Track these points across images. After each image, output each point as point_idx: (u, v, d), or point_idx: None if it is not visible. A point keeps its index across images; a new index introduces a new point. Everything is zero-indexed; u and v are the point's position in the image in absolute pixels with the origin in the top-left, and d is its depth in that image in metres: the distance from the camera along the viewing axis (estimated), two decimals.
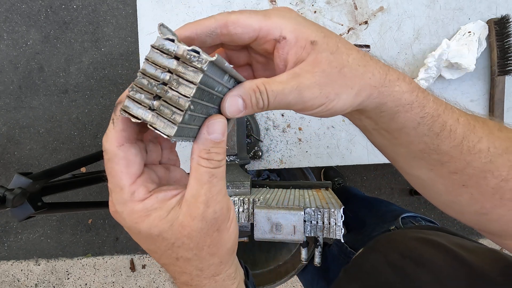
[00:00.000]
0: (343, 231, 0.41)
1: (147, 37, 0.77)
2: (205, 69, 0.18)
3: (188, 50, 0.19)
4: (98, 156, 1.00)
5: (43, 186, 0.75)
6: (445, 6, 0.73)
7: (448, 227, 0.56)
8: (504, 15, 0.69)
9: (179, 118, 0.19)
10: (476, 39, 0.67)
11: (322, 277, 0.77)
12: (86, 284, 1.72)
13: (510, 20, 0.68)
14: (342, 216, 0.42)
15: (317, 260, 0.54)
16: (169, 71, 0.19)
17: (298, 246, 0.89)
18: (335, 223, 0.41)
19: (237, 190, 0.49)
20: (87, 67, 1.70)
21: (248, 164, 0.69)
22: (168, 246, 0.22)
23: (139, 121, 0.19)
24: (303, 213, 0.42)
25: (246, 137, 0.68)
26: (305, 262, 0.72)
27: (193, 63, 0.19)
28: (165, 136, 0.19)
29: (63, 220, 1.73)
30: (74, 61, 1.70)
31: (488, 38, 0.71)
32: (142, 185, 0.21)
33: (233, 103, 0.21)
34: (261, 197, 0.48)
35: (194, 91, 0.19)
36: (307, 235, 0.43)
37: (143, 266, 1.70)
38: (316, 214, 0.42)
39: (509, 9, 0.73)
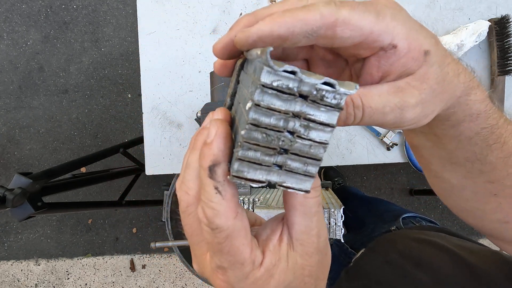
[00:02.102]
0: (343, 231, 0.41)
1: (147, 37, 0.77)
2: (343, 105, 0.14)
3: (320, 84, 0.14)
4: (98, 156, 1.00)
5: (43, 186, 0.75)
6: (445, 6, 0.73)
7: (448, 228, 0.56)
8: (504, 15, 0.69)
9: (314, 170, 0.15)
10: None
11: None
12: (86, 284, 1.72)
13: (510, 20, 0.68)
14: (342, 216, 0.42)
15: None
16: (293, 115, 0.14)
17: None
18: (335, 223, 0.41)
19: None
20: (87, 67, 1.70)
21: None
22: None
23: (263, 183, 0.16)
24: None
25: None
26: None
27: (327, 100, 0.14)
28: (301, 192, 0.16)
29: (63, 220, 1.73)
30: (74, 61, 1.70)
31: (488, 38, 0.71)
32: (255, 247, 0.18)
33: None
34: (261, 197, 0.48)
35: (330, 135, 0.15)
36: None
37: (143, 266, 1.70)
38: None
39: (509, 9, 0.72)
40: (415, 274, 0.39)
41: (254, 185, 0.15)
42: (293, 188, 0.16)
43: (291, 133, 0.15)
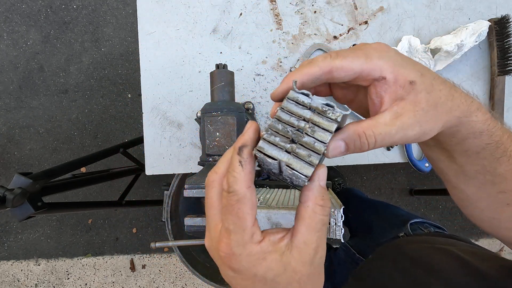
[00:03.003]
0: (343, 231, 0.41)
1: (147, 37, 0.77)
2: (340, 120, 0.22)
3: (323, 104, 0.22)
4: (98, 156, 1.00)
5: (43, 186, 0.75)
6: (445, 6, 0.73)
7: (457, 235, 0.56)
8: (504, 15, 0.69)
9: (316, 160, 0.21)
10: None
11: (328, 281, 0.77)
12: (86, 284, 1.72)
13: (510, 20, 0.68)
14: (342, 216, 0.42)
15: None
16: (304, 120, 0.22)
17: None
18: (335, 223, 0.41)
19: None
20: (87, 67, 1.70)
21: None
22: None
23: (275, 161, 0.21)
24: None
25: None
26: None
27: (328, 115, 0.22)
28: (302, 176, 0.21)
29: (63, 220, 1.73)
30: (74, 61, 1.70)
31: (488, 38, 0.71)
32: (257, 227, 0.22)
33: (336, 147, 0.23)
34: (261, 197, 0.47)
35: (330, 137, 0.21)
36: None
37: (143, 266, 1.70)
38: None
39: (509, 9, 0.73)
40: (426, 283, 0.39)
41: (269, 160, 0.21)
42: (295, 170, 0.21)
43: (301, 131, 0.22)
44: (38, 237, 1.74)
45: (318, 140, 0.21)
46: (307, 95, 0.22)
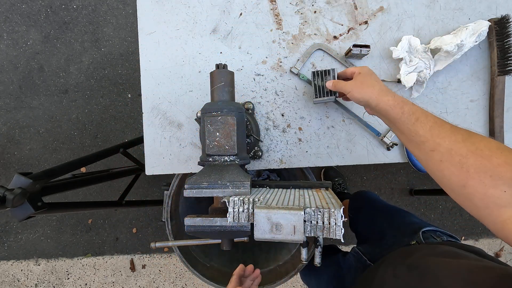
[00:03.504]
0: (342, 231, 0.41)
1: (147, 37, 0.77)
2: (334, 74, 0.66)
3: (332, 69, 0.66)
4: (98, 156, 1.00)
5: (43, 186, 0.75)
6: (445, 6, 0.74)
7: (469, 245, 0.56)
8: (504, 15, 0.69)
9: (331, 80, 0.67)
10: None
11: (336, 286, 0.77)
12: (86, 284, 1.72)
13: (510, 20, 0.68)
14: (342, 216, 0.42)
15: (317, 260, 0.54)
16: (324, 75, 0.68)
17: (298, 246, 0.89)
18: (335, 223, 0.41)
19: (237, 190, 0.49)
20: (87, 67, 1.70)
21: (248, 164, 0.69)
22: None
23: (315, 81, 0.69)
24: (303, 213, 0.42)
25: (246, 137, 0.68)
26: (305, 262, 0.72)
27: (331, 73, 0.66)
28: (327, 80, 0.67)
29: (63, 220, 1.73)
30: (74, 61, 1.70)
31: (488, 38, 0.71)
32: None
33: (329, 81, 0.64)
34: (261, 197, 0.48)
35: (330, 70, 0.66)
36: (307, 235, 0.43)
37: (143, 266, 1.70)
38: (316, 214, 0.42)
39: (509, 9, 0.73)
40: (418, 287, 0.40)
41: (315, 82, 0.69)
42: (320, 79, 0.69)
43: (324, 74, 0.68)
44: (38, 237, 1.74)
45: (328, 71, 0.66)
46: (333, 70, 0.65)
